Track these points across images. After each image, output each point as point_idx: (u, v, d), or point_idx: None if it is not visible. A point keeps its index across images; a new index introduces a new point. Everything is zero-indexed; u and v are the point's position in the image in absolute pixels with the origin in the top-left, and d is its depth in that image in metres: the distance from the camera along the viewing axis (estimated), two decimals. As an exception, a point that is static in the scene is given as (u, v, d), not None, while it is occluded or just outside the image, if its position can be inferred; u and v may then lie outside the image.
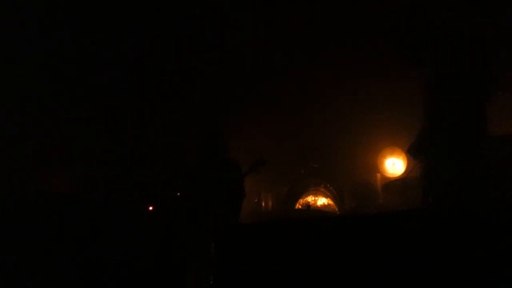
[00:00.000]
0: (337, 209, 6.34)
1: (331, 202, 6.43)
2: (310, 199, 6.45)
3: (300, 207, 6.39)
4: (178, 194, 5.31)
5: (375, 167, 6.63)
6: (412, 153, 3.37)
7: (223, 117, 6.47)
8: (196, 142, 5.01)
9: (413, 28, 3.26)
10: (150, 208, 5.87)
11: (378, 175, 6.56)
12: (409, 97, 3.51)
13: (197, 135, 5.07)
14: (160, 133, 6.73)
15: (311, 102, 6.67)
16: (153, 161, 6.61)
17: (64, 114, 6.38)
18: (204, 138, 4.88)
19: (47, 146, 6.28)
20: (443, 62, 3.13)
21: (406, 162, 6.36)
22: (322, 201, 6.45)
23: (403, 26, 3.29)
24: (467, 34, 3.20)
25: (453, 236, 2.27)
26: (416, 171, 3.41)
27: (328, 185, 6.49)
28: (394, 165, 6.49)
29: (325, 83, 6.50)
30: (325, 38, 6.27)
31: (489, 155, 3.03)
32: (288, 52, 6.49)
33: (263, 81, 6.61)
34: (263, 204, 6.79)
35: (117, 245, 5.06)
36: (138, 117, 6.72)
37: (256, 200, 6.67)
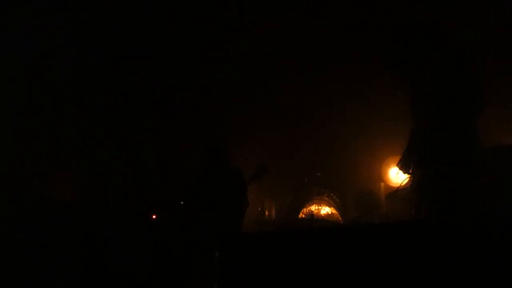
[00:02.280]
0: (340, 219, 6.33)
1: (334, 211, 6.42)
2: (313, 208, 6.44)
3: (303, 216, 6.38)
4: (182, 202, 5.30)
5: (379, 176, 6.62)
6: (401, 166, 3.39)
7: (226, 125, 6.47)
8: (200, 151, 5.00)
9: (402, 43, 3.29)
10: (153, 216, 5.86)
11: (382, 184, 6.55)
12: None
13: (201, 144, 5.07)
14: (163, 141, 6.73)
15: (315, 111, 6.67)
16: (157, 169, 6.60)
17: (66, 119, 6.39)
18: (208, 147, 4.88)
19: (49, 152, 6.29)
20: (429, 75, 3.16)
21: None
22: (325, 210, 6.44)
23: (391, 42, 3.33)
24: (453, 46, 3.23)
25: (452, 246, 2.27)
26: (408, 182, 3.43)
27: (332, 194, 6.48)
28: (398, 174, 6.47)
29: (329, 92, 6.51)
30: (330, 48, 6.29)
31: (480, 167, 3.05)
32: (292, 60, 6.50)
33: (267, 89, 6.62)
34: (266, 213, 6.78)
35: (120, 254, 5.05)
36: (141, 124, 6.73)
37: (259, 209, 6.66)
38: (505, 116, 5.31)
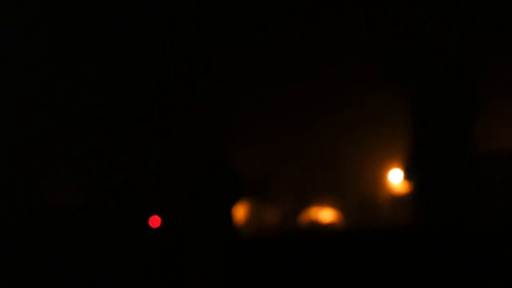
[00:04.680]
0: (343, 224, 6.33)
1: (337, 216, 6.41)
2: (315, 213, 6.44)
3: (305, 221, 6.38)
4: (185, 206, 5.29)
5: (382, 181, 6.62)
6: (407, 174, 3.42)
7: (228, 129, 6.46)
8: (201, 155, 4.99)
9: (400, 51, 3.33)
10: (158, 220, 5.86)
11: (386, 189, 6.55)
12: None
13: (202, 148, 5.06)
14: (165, 142, 6.72)
15: (318, 115, 6.67)
16: (159, 173, 6.60)
17: (67, 124, 6.38)
18: (208, 151, 4.87)
19: (50, 156, 6.29)
20: (428, 82, 3.20)
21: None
22: (328, 215, 6.43)
23: (390, 50, 3.37)
24: (452, 54, 3.27)
25: (450, 250, 2.29)
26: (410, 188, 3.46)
27: (334, 199, 6.48)
28: (401, 179, 6.48)
29: (333, 96, 6.51)
30: (334, 51, 6.30)
31: (480, 172, 3.08)
32: (296, 64, 6.50)
33: (270, 94, 6.61)
34: (268, 218, 6.77)
35: (120, 259, 5.05)
36: (144, 127, 6.71)
37: (261, 213, 6.66)
38: (506, 121, 5.33)
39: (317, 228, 6.00)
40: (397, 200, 5.88)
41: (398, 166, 6.54)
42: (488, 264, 2.24)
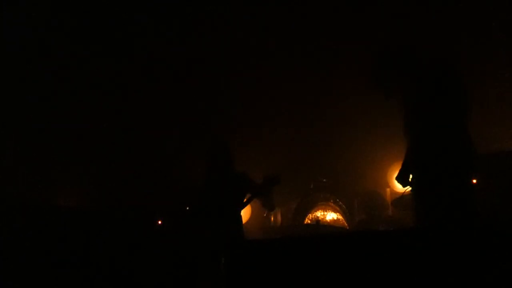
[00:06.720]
0: (346, 224, 6.33)
1: (340, 217, 6.42)
2: (319, 214, 6.44)
3: (309, 222, 6.38)
4: (187, 208, 5.30)
5: (385, 182, 6.63)
6: (400, 181, 3.45)
7: (231, 130, 6.48)
8: (204, 155, 4.99)
9: (388, 60, 3.36)
10: (159, 222, 5.87)
11: (388, 190, 6.55)
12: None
13: (204, 148, 5.06)
14: (167, 144, 6.73)
15: (320, 116, 6.68)
16: (161, 174, 6.61)
17: (70, 124, 6.40)
18: (212, 151, 4.87)
19: (53, 158, 6.31)
20: (418, 88, 3.22)
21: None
22: (331, 216, 6.44)
23: (377, 60, 3.41)
24: (440, 59, 3.29)
25: (449, 250, 2.30)
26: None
27: (337, 199, 6.48)
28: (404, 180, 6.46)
29: (334, 98, 6.52)
30: (334, 53, 6.31)
31: (475, 172, 3.11)
32: (297, 66, 6.52)
33: (273, 94, 6.63)
34: (272, 219, 6.78)
35: (124, 261, 5.06)
36: (145, 128, 6.73)
37: (265, 215, 6.67)
38: (505, 122, 5.36)
39: (320, 228, 6.00)
40: (399, 200, 5.88)
41: (399, 167, 6.53)
42: (488, 264, 2.25)
